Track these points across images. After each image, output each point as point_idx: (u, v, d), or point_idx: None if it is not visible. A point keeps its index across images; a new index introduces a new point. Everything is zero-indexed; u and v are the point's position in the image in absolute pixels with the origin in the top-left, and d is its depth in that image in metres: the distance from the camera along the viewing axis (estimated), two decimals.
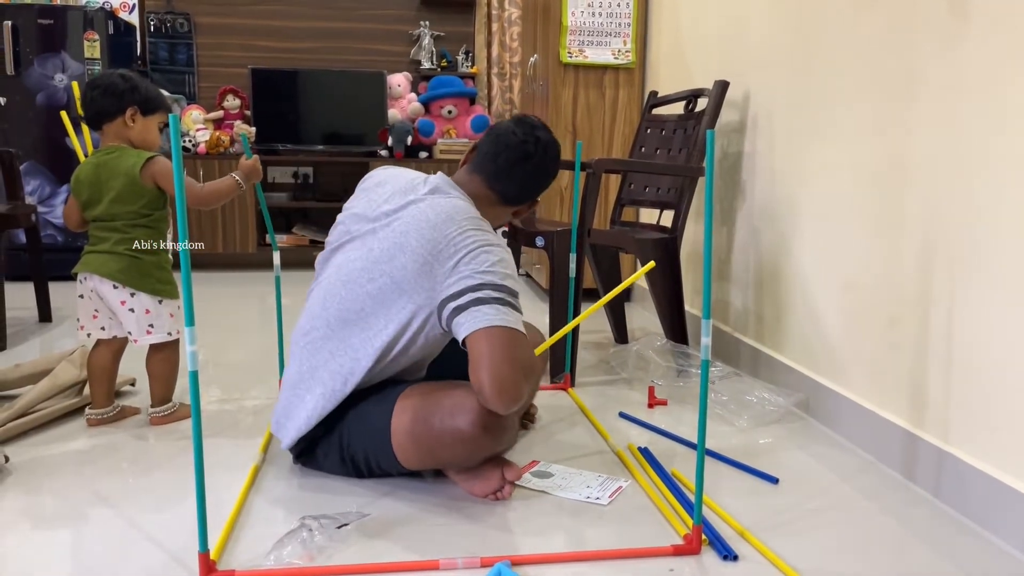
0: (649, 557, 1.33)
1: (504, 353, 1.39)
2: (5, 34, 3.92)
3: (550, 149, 1.69)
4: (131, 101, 1.87)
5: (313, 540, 1.33)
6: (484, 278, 1.45)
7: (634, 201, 2.85)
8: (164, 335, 1.90)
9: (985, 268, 1.48)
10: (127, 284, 1.85)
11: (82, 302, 1.90)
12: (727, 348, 2.60)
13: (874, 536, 1.44)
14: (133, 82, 1.89)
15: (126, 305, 1.86)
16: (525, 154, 1.65)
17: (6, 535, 1.39)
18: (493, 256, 1.49)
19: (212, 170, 4.40)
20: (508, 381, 1.39)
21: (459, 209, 1.55)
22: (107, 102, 1.86)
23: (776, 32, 2.34)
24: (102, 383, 1.94)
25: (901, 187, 1.73)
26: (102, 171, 1.85)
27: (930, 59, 1.63)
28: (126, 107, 1.87)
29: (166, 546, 1.35)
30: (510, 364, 1.39)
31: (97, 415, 1.93)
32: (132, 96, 1.87)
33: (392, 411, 1.50)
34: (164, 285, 1.90)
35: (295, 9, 4.87)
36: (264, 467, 1.69)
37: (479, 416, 1.43)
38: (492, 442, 1.48)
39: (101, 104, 1.86)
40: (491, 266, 1.47)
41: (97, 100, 1.86)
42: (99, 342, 1.93)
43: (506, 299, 1.45)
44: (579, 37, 3.45)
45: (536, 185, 1.71)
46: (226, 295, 3.86)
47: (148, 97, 1.90)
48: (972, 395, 1.52)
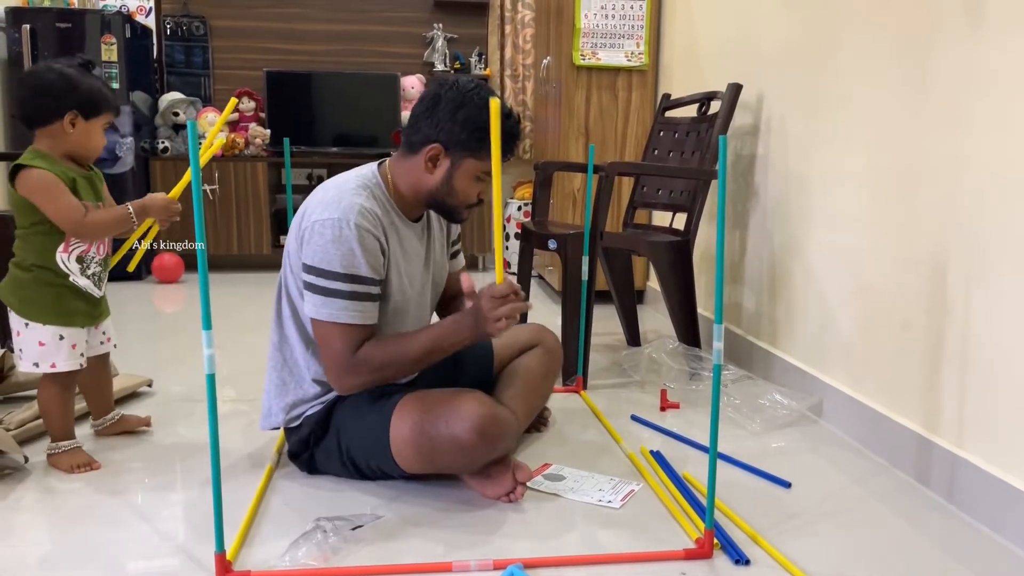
0: (661, 561, 1.33)
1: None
2: (23, 37, 3.96)
3: (448, 91, 1.52)
4: (70, 104, 1.60)
5: (328, 541, 1.34)
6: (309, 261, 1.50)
7: (647, 204, 2.85)
8: (29, 364, 1.64)
9: (999, 272, 1.47)
10: (7, 301, 1.65)
11: None
12: (740, 351, 2.59)
13: (887, 540, 1.43)
14: (72, 80, 1.60)
15: (15, 327, 1.65)
16: (425, 99, 1.55)
17: (24, 534, 1.41)
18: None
19: (227, 172, 4.44)
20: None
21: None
22: (41, 104, 1.59)
23: (790, 35, 2.34)
24: (91, 394, 1.85)
25: (915, 190, 1.73)
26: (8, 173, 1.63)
27: (944, 61, 1.63)
28: (64, 111, 1.59)
29: (182, 546, 1.36)
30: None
31: (98, 426, 1.88)
32: (71, 98, 1.59)
33: (390, 418, 1.51)
34: (30, 306, 1.63)
35: (309, 12, 4.89)
36: (279, 468, 1.70)
37: (477, 424, 1.44)
38: (489, 449, 1.49)
39: (34, 106, 1.60)
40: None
41: (29, 101, 1.60)
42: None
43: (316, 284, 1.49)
44: (592, 39, 3.45)
45: (434, 120, 1.52)
46: (240, 296, 3.89)
47: (91, 98, 1.62)
48: (986, 399, 1.52)
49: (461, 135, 1.51)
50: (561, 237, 2.36)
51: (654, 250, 2.47)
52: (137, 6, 4.62)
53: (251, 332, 3.09)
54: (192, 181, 1.17)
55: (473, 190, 1.58)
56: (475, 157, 1.53)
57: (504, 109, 1.50)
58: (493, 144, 1.35)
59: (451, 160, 1.54)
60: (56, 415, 1.69)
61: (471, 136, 1.50)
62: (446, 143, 1.52)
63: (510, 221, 4.69)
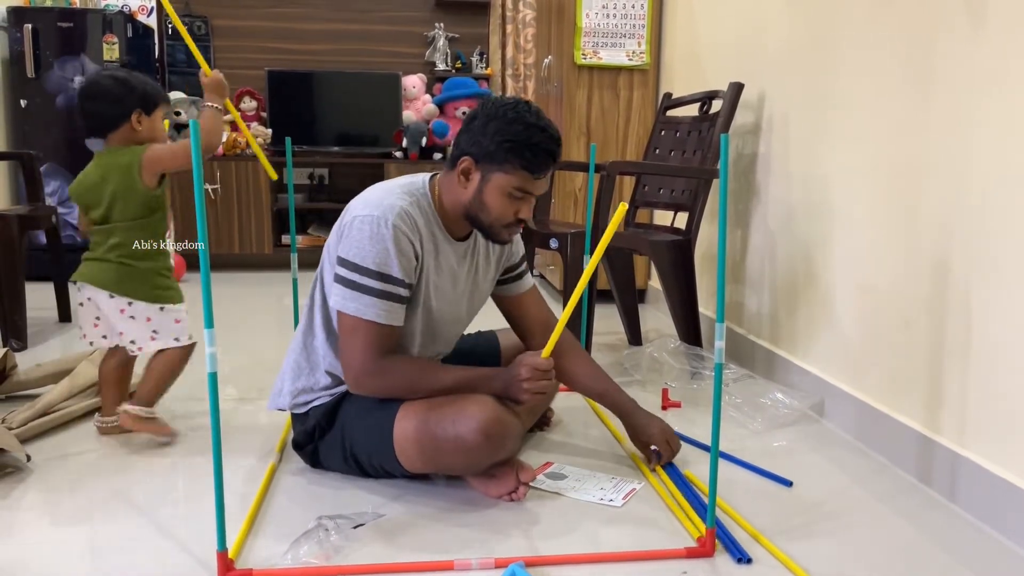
0: (662, 559, 1.33)
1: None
2: (26, 37, 3.96)
3: (485, 106, 1.53)
4: (134, 105, 1.77)
5: (329, 540, 1.34)
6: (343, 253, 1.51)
7: (648, 203, 2.85)
8: (170, 340, 1.83)
9: (1002, 270, 1.47)
10: (122, 293, 1.78)
11: (82, 310, 1.83)
12: (741, 350, 2.59)
13: (888, 540, 1.43)
14: (128, 83, 1.77)
15: (125, 313, 1.79)
16: (467, 116, 1.57)
17: (26, 533, 1.41)
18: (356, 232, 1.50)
19: (229, 171, 4.44)
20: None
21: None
22: (109, 110, 1.76)
23: (791, 33, 2.33)
24: (110, 389, 1.89)
25: (918, 189, 1.73)
26: (101, 173, 1.77)
27: (947, 60, 1.63)
28: (129, 112, 1.76)
29: (185, 544, 1.36)
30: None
31: (106, 423, 1.88)
32: (132, 98, 1.76)
33: (395, 416, 1.51)
34: (163, 291, 1.82)
35: (311, 12, 4.90)
36: (281, 467, 1.70)
37: (481, 425, 1.44)
38: (493, 451, 1.49)
39: (103, 114, 1.76)
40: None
41: (98, 111, 1.76)
42: (110, 351, 1.88)
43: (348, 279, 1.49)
44: (593, 38, 3.45)
45: (469, 135, 1.53)
46: (243, 295, 3.89)
47: (146, 94, 1.79)
48: (989, 398, 1.51)
49: (490, 147, 1.49)
50: (562, 236, 2.37)
51: (655, 249, 2.47)
52: (139, 5, 4.62)
53: (253, 331, 3.09)
54: (194, 181, 1.18)
55: (508, 207, 1.53)
56: (504, 171, 1.50)
57: (541, 123, 1.48)
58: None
59: (481, 173, 1.52)
60: (168, 383, 1.88)
61: (499, 148, 1.48)
62: (476, 156, 1.51)
63: None
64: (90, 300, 1.81)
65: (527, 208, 1.55)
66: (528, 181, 1.51)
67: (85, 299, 1.82)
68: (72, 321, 3.14)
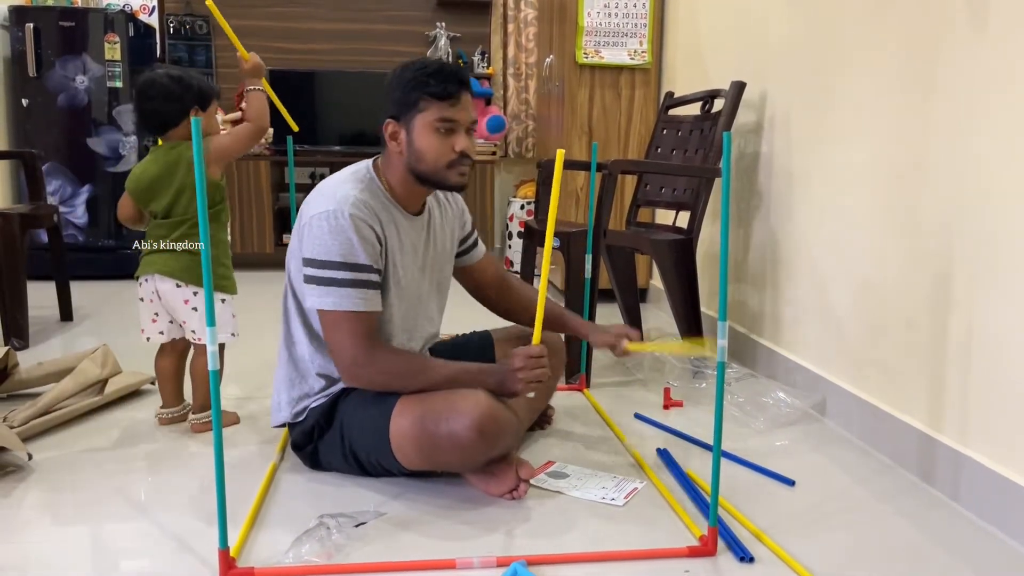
0: (665, 558, 1.33)
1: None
2: (27, 36, 3.97)
3: (388, 78, 1.59)
4: (191, 102, 1.82)
5: (331, 538, 1.34)
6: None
7: (650, 202, 2.84)
8: (227, 335, 1.88)
9: (1004, 269, 1.47)
10: (190, 282, 1.82)
11: (143, 305, 1.86)
12: (743, 349, 2.59)
13: (891, 539, 1.43)
14: (184, 81, 1.82)
15: (189, 304, 1.83)
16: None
17: (28, 531, 1.41)
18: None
19: (230, 171, 4.43)
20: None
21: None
22: (168, 109, 1.80)
23: (794, 32, 2.33)
24: (167, 383, 1.94)
25: (919, 188, 1.72)
26: (163, 168, 1.81)
27: (949, 60, 1.62)
28: (188, 109, 1.81)
29: (186, 543, 1.36)
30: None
31: (167, 414, 1.95)
32: (190, 96, 1.81)
33: (391, 413, 1.51)
34: (225, 280, 1.88)
35: (312, 11, 4.90)
36: (282, 466, 1.70)
37: (476, 421, 1.44)
38: (489, 447, 1.49)
39: (163, 112, 1.81)
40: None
41: (157, 110, 1.81)
42: (163, 347, 1.92)
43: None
44: (595, 38, 3.45)
45: (386, 103, 1.58)
46: (244, 294, 3.88)
47: (202, 90, 1.84)
48: (991, 397, 1.51)
49: (399, 98, 1.54)
50: (564, 235, 2.36)
51: (657, 248, 2.47)
52: (140, 5, 4.62)
53: (254, 330, 3.09)
54: (196, 181, 1.18)
55: (441, 145, 1.54)
56: (419, 110, 1.53)
57: (433, 59, 1.56)
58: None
59: (404, 127, 1.55)
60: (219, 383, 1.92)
61: (405, 93, 1.53)
62: (394, 114, 1.56)
63: (513, 220, 4.69)
64: (154, 294, 1.84)
65: (462, 139, 1.56)
66: (444, 108, 1.52)
67: (149, 293, 1.85)
68: (73, 320, 3.15)
